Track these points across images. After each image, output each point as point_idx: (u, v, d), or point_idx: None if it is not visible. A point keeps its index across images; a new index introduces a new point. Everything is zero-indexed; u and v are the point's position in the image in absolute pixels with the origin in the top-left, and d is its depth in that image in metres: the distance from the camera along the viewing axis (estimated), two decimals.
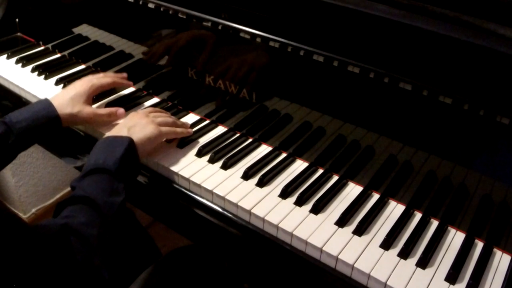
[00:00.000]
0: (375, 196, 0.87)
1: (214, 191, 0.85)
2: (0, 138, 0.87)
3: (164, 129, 0.91)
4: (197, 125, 1.03)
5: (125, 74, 1.10)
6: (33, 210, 1.81)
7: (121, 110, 1.01)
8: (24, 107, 0.93)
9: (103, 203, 0.73)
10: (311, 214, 0.82)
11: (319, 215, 0.82)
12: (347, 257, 0.74)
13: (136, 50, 1.14)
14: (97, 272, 0.68)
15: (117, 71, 1.19)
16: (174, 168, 0.90)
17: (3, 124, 0.88)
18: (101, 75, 1.06)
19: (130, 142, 0.83)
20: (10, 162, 0.91)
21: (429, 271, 0.74)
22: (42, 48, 1.33)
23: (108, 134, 0.87)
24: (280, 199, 0.84)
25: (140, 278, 0.91)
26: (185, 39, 1.02)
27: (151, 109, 0.98)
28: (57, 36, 1.29)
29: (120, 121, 0.93)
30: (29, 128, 0.89)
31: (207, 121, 1.05)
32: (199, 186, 0.87)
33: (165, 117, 0.96)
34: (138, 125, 0.89)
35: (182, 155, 0.93)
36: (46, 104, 0.93)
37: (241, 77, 0.96)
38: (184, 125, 0.99)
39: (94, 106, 1.08)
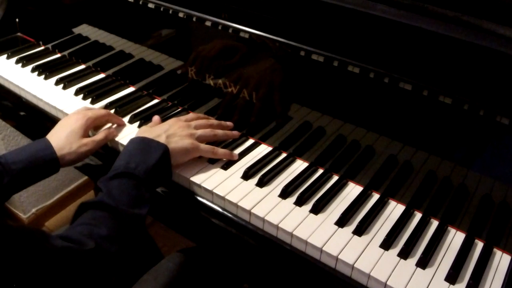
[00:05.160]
0: (375, 196, 0.87)
1: (214, 191, 0.85)
2: None
3: (202, 146, 0.89)
4: None
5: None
6: (33, 210, 1.81)
7: (113, 130, 0.98)
8: (22, 147, 0.88)
9: (127, 216, 0.73)
10: (311, 214, 0.82)
11: (319, 215, 0.82)
12: (347, 257, 0.74)
13: (136, 50, 1.14)
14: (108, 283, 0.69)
15: (117, 71, 1.19)
16: (174, 168, 0.90)
17: None
18: (95, 108, 1.01)
19: (165, 150, 0.82)
20: (3, 204, 0.89)
21: (429, 271, 0.74)
22: (42, 48, 1.33)
23: (145, 134, 0.86)
24: (280, 199, 0.84)
25: (142, 279, 0.91)
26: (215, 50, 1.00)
27: (194, 116, 0.96)
28: (57, 36, 1.29)
29: (161, 124, 0.91)
30: (25, 169, 0.84)
31: None
32: (199, 186, 0.87)
33: (205, 127, 0.93)
34: (177, 135, 0.87)
35: None
36: (45, 145, 0.88)
37: (241, 77, 0.97)
38: (227, 135, 0.96)
39: (96, 106, 1.08)
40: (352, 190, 0.88)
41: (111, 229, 0.70)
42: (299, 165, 0.93)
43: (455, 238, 0.80)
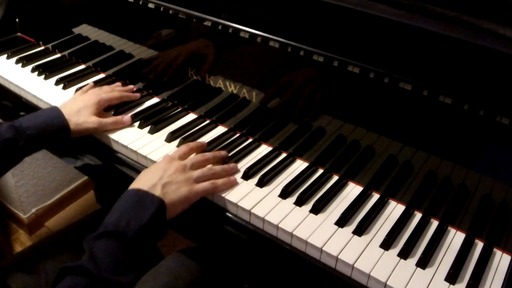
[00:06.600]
0: (375, 196, 0.87)
1: None
2: (10, 142, 0.87)
3: (201, 188, 0.82)
4: (197, 125, 1.03)
5: (132, 86, 1.12)
6: (33, 210, 1.81)
7: (126, 118, 1.00)
8: (33, 113, 0.94)
9: (109, 284, 0.68)
10: (311, 214, 0.82)
11: (319, 215, 0.82)
12: (347, 257, 0.74)
13: (136, 50, 1.14)
14: None
15: (117, 71, 1.19)
16: None
17: (13, 129, 0.88)
18: (109, 88, 1.07)
19: (160, 205, 0.76)
20: (15, 166, 0.92)
21: (429, 271, 0.74)
22: (42, 48, 1.33)
23: (139, 184, 0.79)
24: (280, 199, 0.84)
25: (142, 280, 0.91)
26: (189, 50, 1.02)
27: (186, 149, 0.89)
28: (57, 36, 1.29)
29: (155, 168, 0.83)
30: (39, 135, 0.90)
31: (207, 121, 1.05)
32: None
33: (201, 163, 0.87)
34: (174, 183, 0.80)
35: None
36: (57, 112, 0.94)
37: (241, 77, 0.96)
38: (224, 170, 0.88)
39: None
40: (352, 190, 0.88)
41: None
42: (299, 165, 0.93)
43: (455, 238, 0.80)
